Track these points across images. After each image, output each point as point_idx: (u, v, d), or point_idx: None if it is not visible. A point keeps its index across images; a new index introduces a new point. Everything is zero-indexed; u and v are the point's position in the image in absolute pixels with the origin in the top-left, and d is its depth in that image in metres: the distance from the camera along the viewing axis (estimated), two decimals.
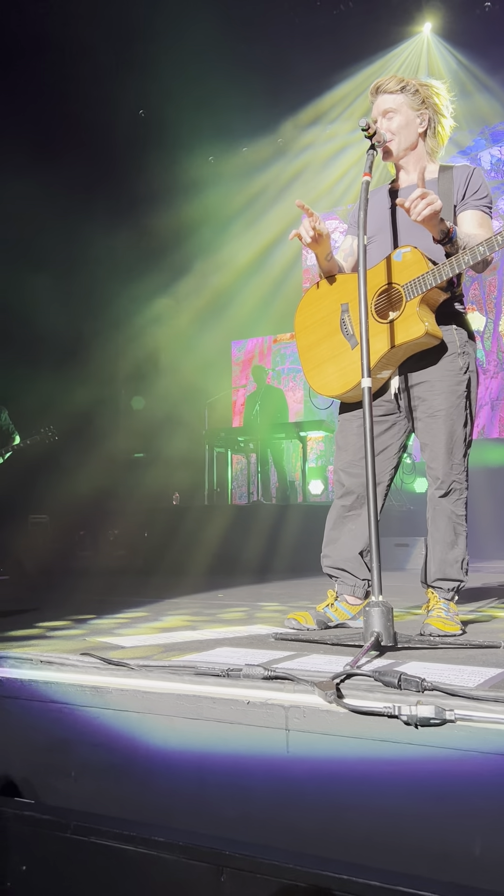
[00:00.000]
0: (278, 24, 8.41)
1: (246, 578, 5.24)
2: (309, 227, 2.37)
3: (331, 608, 2.52)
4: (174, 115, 9.18)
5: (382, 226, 2.54)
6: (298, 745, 1.34)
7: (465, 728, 1.23)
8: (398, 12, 8.51)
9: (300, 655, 1.89)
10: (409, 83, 2.50)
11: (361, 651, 1.72)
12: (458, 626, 2.29)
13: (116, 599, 3.92)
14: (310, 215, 2.36)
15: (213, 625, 2.67)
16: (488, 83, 8.54)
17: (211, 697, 1.44)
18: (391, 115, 2.46)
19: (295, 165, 9.86)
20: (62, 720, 1.57)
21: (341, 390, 2.47)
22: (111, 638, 2.31)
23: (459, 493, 2.41)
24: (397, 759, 1.25)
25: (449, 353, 2.40)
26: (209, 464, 7.94)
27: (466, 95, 8.46)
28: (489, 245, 2.19)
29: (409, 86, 2.49)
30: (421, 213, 2.15)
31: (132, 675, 1.58)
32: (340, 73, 8.89)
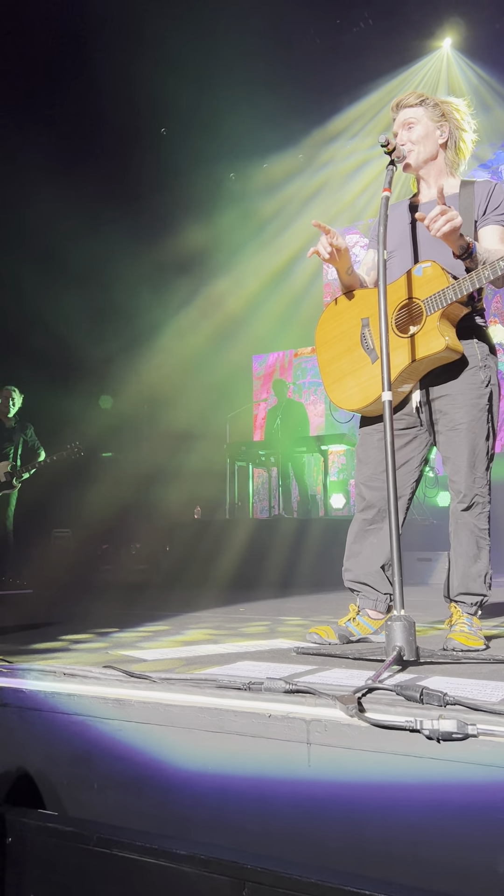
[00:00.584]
0: (299, 43, 8.50)
1: (268, 592, 5.23)
2: (326, 243, 2.39)
3: (353, 622, 2.51)
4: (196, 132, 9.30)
5: (403, 240, 2.55)
6: (320, 759, 1.34)
7: (487, 743, 1.22)
8: (418, 28, 8.56)
9: (322, 669, 1.89)
10: (428, 97, 2.53)
11: (383, 665, 1.71)
12: (482, 640, 2.27)
13: (139, 613, 3.94)
14: (326, 233, 2.39)
15: (235, 639, 2.67)
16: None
17: (232, 710, 1.44)
18: (411, 126, 2.49)
19: (316, 180, 9.92)
20: (85, 733, 1.58)
21: (362, 404, 2.48)
22: (133, 651, 2.32)
23: (482, 507, 2.40)
24: (419, 773, 1.25)
25: (470, 367, 2.40)
26: (230, 478, 7.96)
27: (486, 109, 8.47)
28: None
29: (428, 100, 2.51)
30: (440, 229, 2.16)
31: (154, 687, 1.59)
32: (361, 88, 8.96)
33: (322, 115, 9.32)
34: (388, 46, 8.58)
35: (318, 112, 9.27)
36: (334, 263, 2.47)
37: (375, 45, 8.59)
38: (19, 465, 6.66)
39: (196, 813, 1.45)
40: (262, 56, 8.05)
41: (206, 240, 9.92)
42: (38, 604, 4.99)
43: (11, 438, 6.72)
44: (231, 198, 10.07)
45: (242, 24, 7.45)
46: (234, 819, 1.41)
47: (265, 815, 1.37)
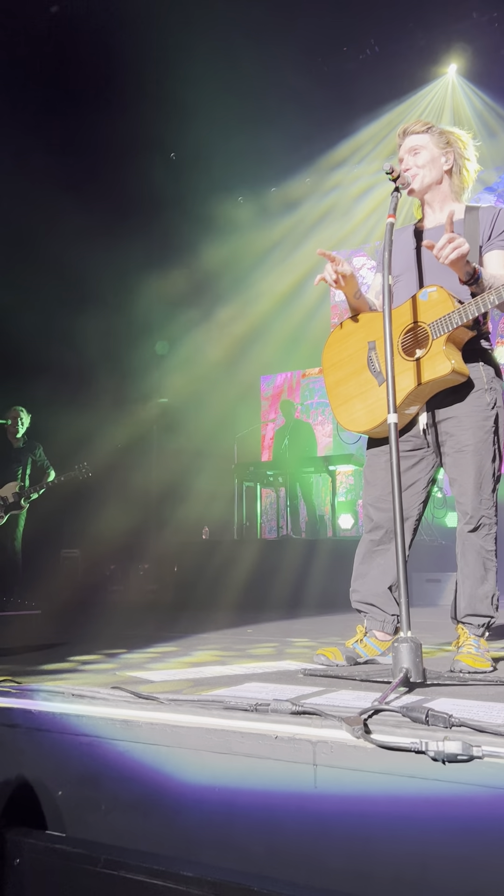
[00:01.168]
0: (308, 69, 8.64)
1: (275, 614, 5.22)
2: (332, 270, 2.44)
3: (360, 644, 2.52)
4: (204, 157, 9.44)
5: (409, 265, 2.59)
6: (326, 780, 1.34)
7: (493, 765, 1.22)
8: (424, 55, 8.69)
9: (329, 691, 1.90)
10: (434, 126, 2.58)
11: (390, 687, 1.72)
12: (489, 662, 2.27)
13: (147, 634, 3.94)
14: (332, 261, 2.43)
15: (243, 660, 2.68)
16: None
17: (239, 732, 1.45)
18: (417, 151, 2.54)
19: (324, 204, 10.02)
20: (92, 753, 1.59)
21: (369, 426, 2.50)
22: (141, 672, 2.33)
23: (489, 528, 2.41)
24: (425, 795, 1.25)
25: (476, 390, 2.42)
26: (238, 498, 7.97)
27: (492, 135, 8.56)
28: None
29: (434, 128, 2.57)
30: (448, 256, 2.19)
31: (162, 708, 1.60)
32: (368, 114, 9.08)
33: (329, 140, 9.44)
34: (394, 73, 8.70)
35: (326, 137, 9.39)
36: (341, 289, 2.51)
37: (382, 71, 8.72)
38: (27, 485, 6.69)
39: (203, 834, 1.45)
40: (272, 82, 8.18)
41: (216, 262, 10.01)
42: (47, 625, 5.00)
43: (20, 459, 6.76)
44: (240, 221, 10.18)
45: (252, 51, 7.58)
46: (240, 840, 1.41)
47: (272, 836, 1.37)
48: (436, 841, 1.24)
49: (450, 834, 1.23)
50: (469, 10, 8.36)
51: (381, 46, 8.77)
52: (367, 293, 2.68)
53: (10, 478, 6.66)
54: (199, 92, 8.30)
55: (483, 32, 8.50)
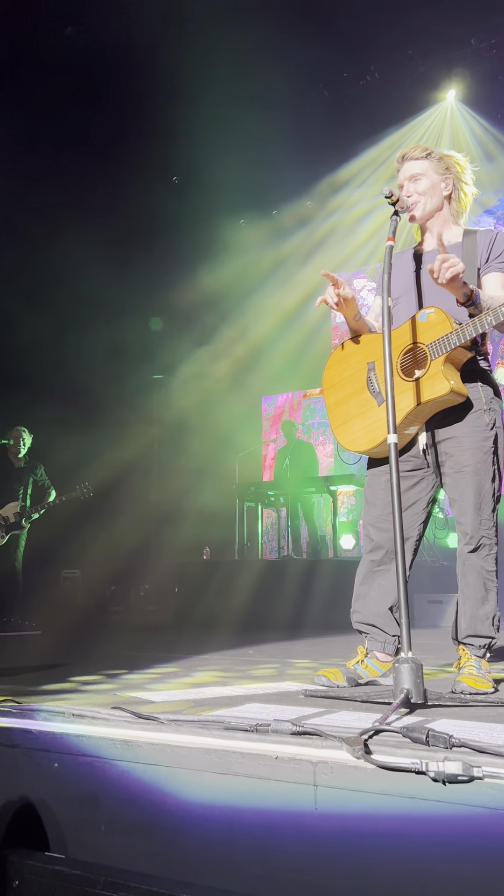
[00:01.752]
0: (308, 94, 8.77)
1: (276, 635, 5.20)
2: (333, 293, 2.47)
3: (361, 665, 2.51)
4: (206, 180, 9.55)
5: (408, 287, 2.62)
6: (326, 801, 1.34)
7: (493, 785, 1.22)
8: (423, 81, 8.82)
9: (329, 712, 1.89)
10: (433, 151, 2.62)
11: (391, 708, 1.72)
12: (490, 683, 2.27)
13: (147, 655, 3.93)
14: (334, 283, 2.46)
15: (244, 681, 2.67)
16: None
17: (239, 752, 1.45)
18: (417, 179, 2.57)
19: (324, 227, 10.12)
20: (92, 774, 1.59)
21: (369, 446, 2.52)
22: (142, 693, 2.33)
23: (489, 549, 2.41)
24: (425, 816, 1.25)
25: (475, 410, 2.44)
26: (239, 518, 7.96)
27: (491, 159, 8.66)
28: None
29: (433, 153, 2.60)
30: (444, 275, 2.22)
31: (162, 728, 1.59)
32: (368, 139, 9.19)
33: (330, 163, 9.55)
34: (393, 98, 8.83)
35: (327, 161, 9.51)
36: (342, 311, 2.53)
37: (381, 97, 8.85)
38: (28, 505, 6.69)
39: (203, 855, 1.44)
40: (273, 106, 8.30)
41: (217, 283, 10.09)
42: (47, 645, 4.98)
43: (21, 478, 6.77)
44: (241, 243, 10.27)
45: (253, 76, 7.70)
46: (241, 861, 1.40)
47: (272, 857, 1.37)
48: (436, 862, 1.23)
49: (450, 855, 1.22)
50: (467, 37, 8.50)
51: (381, 72, 8.91)
52: (366, 315, 2.71)
53: (11, 498, 6.66)
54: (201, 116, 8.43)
55: (481, 59, 8.64)
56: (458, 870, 1.22)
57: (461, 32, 8.40)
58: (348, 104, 9.03)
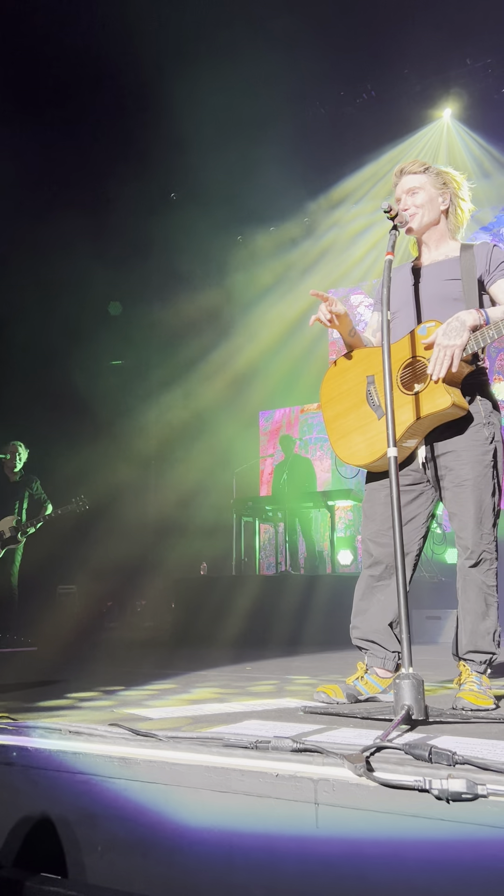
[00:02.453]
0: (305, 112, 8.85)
1: (275, 651, 5.16)
2: (325, 311, 2.47)
3: (360, 681, 2.49)
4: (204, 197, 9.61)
5: (406, 301, 2.62)
6: (328, 819, 1.31)
7: (498, 804, 1.20)
8: (419, 99, 8.91)
9: (330, 729, 1.87)
10: (431, 166, 2.63)
11: (392, 724, 1.69)
12: (491, 700, 2.25)
13: (145, 671, 3.90)
14: (325, 301, 2.46)
15: (242, 698, 2.64)
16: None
17: (239, 770, 1.42)
18: (415, 192, 2.58)
19: (322, 243, 10.18)
20: (89, 792, 1.56)
21: (369, 460, 2.51)
22: (140, 709, 2.30)
23: (490, 563, 2.40)
24: (428, 835, 1.23)
25: (475, 423, 2.43)
26: (237, 533, 7.93)
27: (486, 175, 8.73)
28: None
29: (431, 168, 2.62)
30: (444, 367, 2.29)
31: (160, 746, 1.57)
32: (364, 156, 9.27)
33: (327, 181, 9.63)
34: (390, 116, 8.91)
35: (324, 178, 9.59)
36: (336, 328, 2.53)
37: (378, 115, 8.94)
38: (24, 519, 6.66)
39: (202, 875, 1.42)
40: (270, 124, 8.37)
41: (215, 299, 10.13)
42: (43, 661, 4.94)
43: (17, 493, 6.75)
44: (239, 259, 10.33)
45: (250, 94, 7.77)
46: (241, 881, 1.38)
47: (272, 877, 1.34)
48: (440, 883, 1.21)
49: (454, 875, 1.20)
50: (463, 57, 8.60)
51: (378, 91, 9.00)
52: (363, 331, 2.71)
53: (7, 512, 6.63)
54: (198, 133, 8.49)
55: (477, 78, 8.74)
56: (462, 890, 1.20)
57: (457, 52, 8.51)
58: (345, 122, 9.12)
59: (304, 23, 7.51)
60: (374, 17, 7.53)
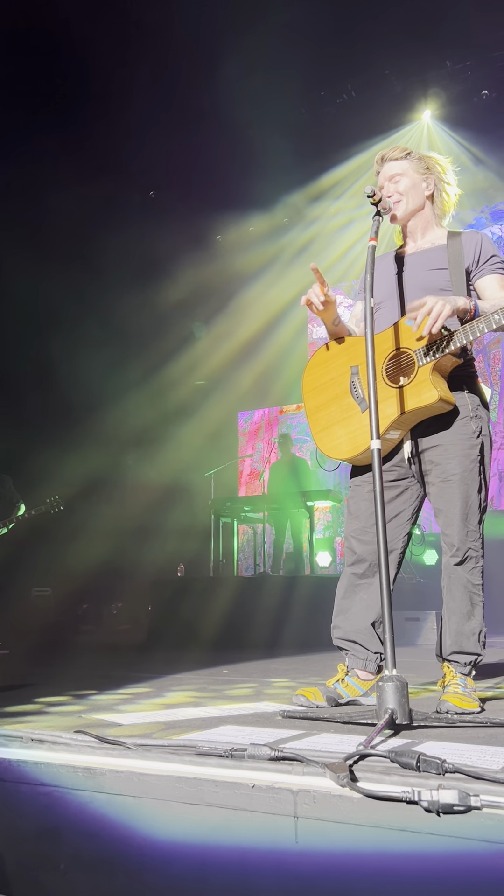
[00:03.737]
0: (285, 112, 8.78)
1: (253, 653, 5.06)
2: (319, 293, 2.36)
3: (341, 684, 2.39)
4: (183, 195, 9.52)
5: (391, 292, 2.53)
6: (308, 834, 1.22)
7: (492, 816, 1.11)
8: (399, 101, 8.90)
9: (309, 734, 1.77)
10: (413, 151, 2.56)
11: (375, 729, 1.60)
12: (477, 702, 2.16)
13: (119, 674, 3.77)
14: (321, 281, 2.36)
15: (219, 701, 2.54)
16: (488, 164, 8.83)
17: (213, 780, 1.32)
18: (398, 179, 2.50)
19: (300, 242, 10.12)
20: (52, 805, 1.45)
21: (351, 453, 2.42)
22: (110, 715, 2.19)
23: (476, 561, 2.32)
24: (418, 851, 1.13)
25: (461, 417, 2.35)
26: (215, 534, 7.82)
27: (467, 176, 8.72)
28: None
29: (413, 153, 2.54)
30: (435, 323, 2.16)
31: (128, 754, 1.46)
32: (344, 157, 9.24)
33: (307, 180, 9.59)
34: (370, 117, 8.89)
35: (304, 178, 9.54)
36: (322, 315, 2.44)
37: (358, 115, 8.91)
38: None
39: (173, 894, 1.31)
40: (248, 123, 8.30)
41: (192, 297, 10.03)
42: (15, 665, 4.79)
43: None
44: (217, 257, 10.24)
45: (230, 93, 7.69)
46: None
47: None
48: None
49: (445, 894, 1.11)
50: (443, 59, 8.60)
51: (358, 92, 8.97)
52: (347, 321, 2.62)
53: None
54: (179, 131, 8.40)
55: (456, 80, 8.74)
56: None
57: (437, 55, 8.51)
58: (326, 122, 9.08)
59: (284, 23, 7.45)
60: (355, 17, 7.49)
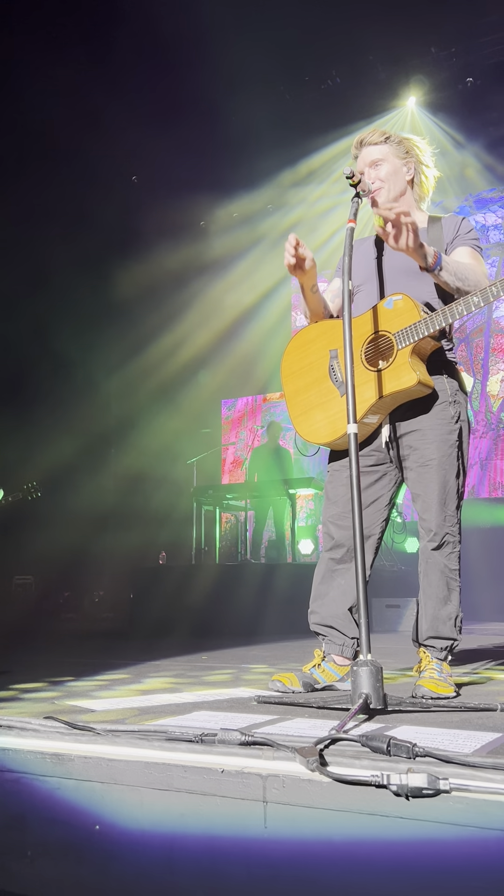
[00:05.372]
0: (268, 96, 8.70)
1: (233, 640, 5.06)
2: (290, 248, 2.29)
3: (317, 669, 2.38)
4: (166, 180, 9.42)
5: (369, 275, 2.51)
6: (277, 819, 1.20)
7: (461, 799, 1.10)
8: (384, 87, 8.84)
9: (283, 720, 1.76)
10: (392, 135, 2.52)
11: (349, 714, 1.59)
12: (452, 687, 2.16)
13: (97, 661, 3.75)
14: (294, 243, 2.30)
15: (196, 687, 2.52)
16: (472, 151, 8.81)
17: (182, 766, 1.31)
18: (379, 164, 2.46)
19: (283, 227, 10.05)
20: (19, 792, 1.43)
21: (330, 438, 2.40)
22: (84, 701, 2.17)
23: (453, 547, 2.31)
24: (387, 835, 1.12)
25: (440, 402, 2.34)
26: (196, 522, 7.80)
27: (451, 164, 8.71)
28: (484, 296, 2.15)
29: (392, 137, 2.50)
30: (400, 234, 2.10)
31: (97, 740, 1.44)
32: (327, 143, 9.18)
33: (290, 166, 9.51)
34: (355, 103, 8.82)
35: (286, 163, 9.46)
36: (300, 276, 2.37)
37: (343, 101, 8.84)
38: None
39: (141, 882, 1.30)
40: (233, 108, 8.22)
41: (173, 283, 9.95)
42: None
43: None
44: (199, 242, 10.16)
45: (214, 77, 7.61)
46: (183, 888, 1.26)
47: (217, 883, 1.22)
48: (399, 886, 1.11)
49: (415, 879, 1.10)
50: (428, 46, 8.54)
51: (343, 78, 8.90)
52: (324, 293, 2.58)
53: None
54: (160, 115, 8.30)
55: (441, 67, 8.69)
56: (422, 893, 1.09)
57: (422, 41, 8.45)
58: (310, 107, 9.00)
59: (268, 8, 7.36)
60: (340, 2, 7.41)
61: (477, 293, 2.16)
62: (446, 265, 2.20)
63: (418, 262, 2.20)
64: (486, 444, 9.25)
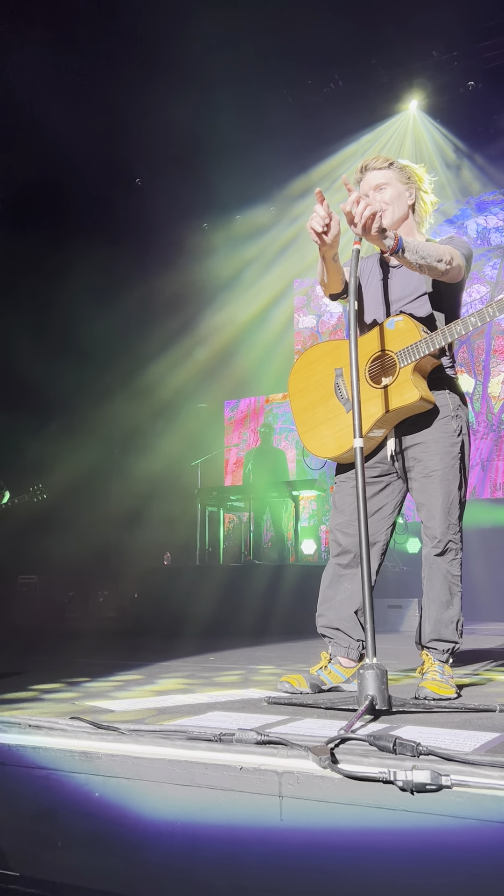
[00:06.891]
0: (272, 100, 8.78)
1: (240, 641, 5.16)
2: (324, 213, 2.27)
3: (324, 671, 2.49)
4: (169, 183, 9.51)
5: (374, 295, 2.61)
6: (292, 812, 1.31)
7: (461, 794, 1.21)
8: (386, 91, 8.91)
9: (294, 720, 1.87)
10: (394, 161, 2.62)
11: (356, 715, 1.69)
12: (453, 689, 2.27)
13: (110, 662, 3.86)
14: (322, 202, 2.28)
15: (208, 688, 2.63)
16: (473, 156, 8.88)
17: (203, 763, 1.41)
18: (383, 188, 2.55)
19: (288, 232, 10.13)
20: (49, 787, 1.53)
21: (337, 452, 2.51)
22: (104, 701, 2.27)
23: (455, 553, 2.42)
24: (394, 827, 1.23)
25: (442, 416, 2.45)
26: (201, 523, 7.90)
27: (452, 168, 8.78)
28: (481, 316, 2.26)
29: (395, 163, 2.60)
30: (362, 213, 2.15)
31: (122, 739, 1.55)
32: (330, 146, 9.25)
33: (293, 170, 9.57)
34: (356, 107, 8.90)
35: (290, 167, 9.53)
36: (322, 245, 2.35)
37: (345, 105, 8.92)
38: None
39: (165, 871, 1.40)
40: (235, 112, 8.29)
41: (178, 288, 10.04)
42: (3, 653, 4.86)
43: None
44: (203, 247, 10.24)
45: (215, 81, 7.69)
46: (204, 876, 1.37)
47: (236, 871, 1.33)
48: (404, 874, 1.21)
49: (418, 867, 1.20)
50: (430, 50, 8.62)
51: (345, 81, 8.97)
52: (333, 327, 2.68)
53: None
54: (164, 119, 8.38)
55: (443, 71, 8.76)
56: (426, 881, 1.20)
57: (424, 45, 8.52)
58: (312, 111, 9.08)
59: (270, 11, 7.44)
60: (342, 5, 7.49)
61: (474, 314, 2.27)
62: (408, 245, 2.25)
63: (382, 247, 2.26)
64: (486, 446, 9.34)
